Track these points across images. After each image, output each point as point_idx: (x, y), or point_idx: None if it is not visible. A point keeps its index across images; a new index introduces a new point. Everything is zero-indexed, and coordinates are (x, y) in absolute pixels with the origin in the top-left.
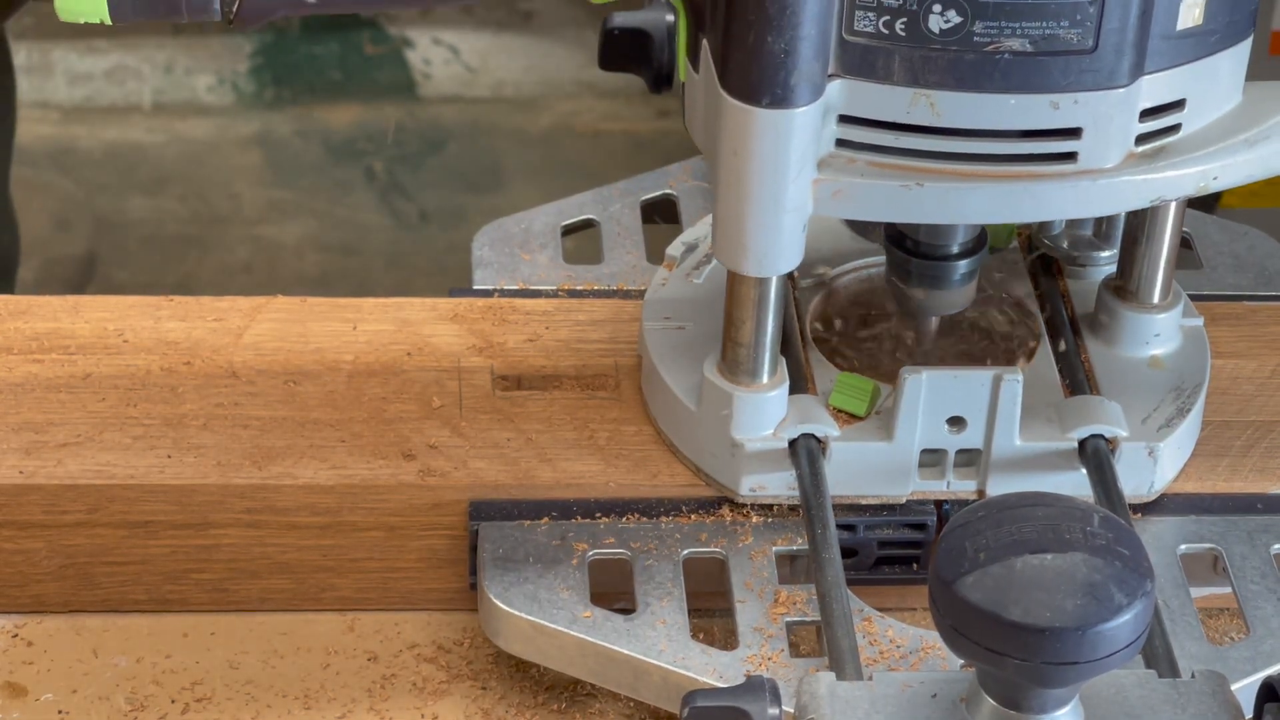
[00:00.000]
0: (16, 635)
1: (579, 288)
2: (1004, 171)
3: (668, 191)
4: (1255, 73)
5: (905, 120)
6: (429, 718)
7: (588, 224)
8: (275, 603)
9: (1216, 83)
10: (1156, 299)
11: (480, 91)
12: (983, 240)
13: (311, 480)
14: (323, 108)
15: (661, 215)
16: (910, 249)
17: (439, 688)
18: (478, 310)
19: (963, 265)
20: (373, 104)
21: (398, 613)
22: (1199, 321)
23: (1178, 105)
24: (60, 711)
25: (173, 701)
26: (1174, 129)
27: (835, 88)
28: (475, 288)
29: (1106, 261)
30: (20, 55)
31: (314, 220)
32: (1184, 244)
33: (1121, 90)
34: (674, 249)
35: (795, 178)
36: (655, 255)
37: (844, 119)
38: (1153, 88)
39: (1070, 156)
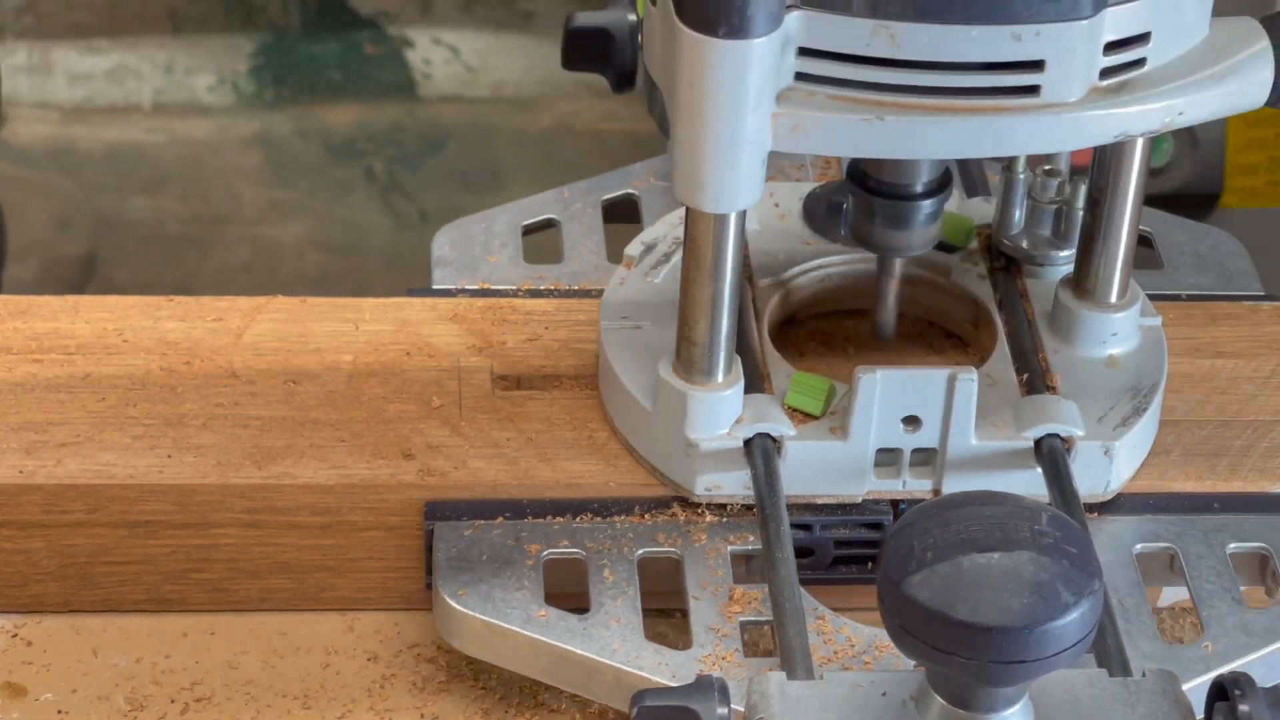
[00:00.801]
0: (16, 635)
1: (541, 287)
2: (966, 105)
3: (629, 191)
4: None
5: (865, 53)
6: (429, 718)
7: (549, 224)
8: (275, 602)
9: (1182, 16)
10: (1114, 298)
11: (480, 91)
12: (946, 180)
13: (311, 480)
14: (323, 108)
15: (623, 215)
16: (872, 188)
17: (439, 687)
18: (478, 310)
19: (926, 205)
20: (373, 104)
21: (398, 612)
22: (1157, 321)
23: (1142, 39)
24: (60, 711)
25: (172, 701)
26: (1139, 63)
27: (794, 19)
28: (435, 287)
29: (1065, 261)
30: (20, 55)
31: (314, 220)
32: (1146, 243)
33: (1085, 22)
34: (632, 248)
35: (754, 110)
36: (616, 255)
37: (803, 51)
38: (1116, 20)
39: (1033, 90)
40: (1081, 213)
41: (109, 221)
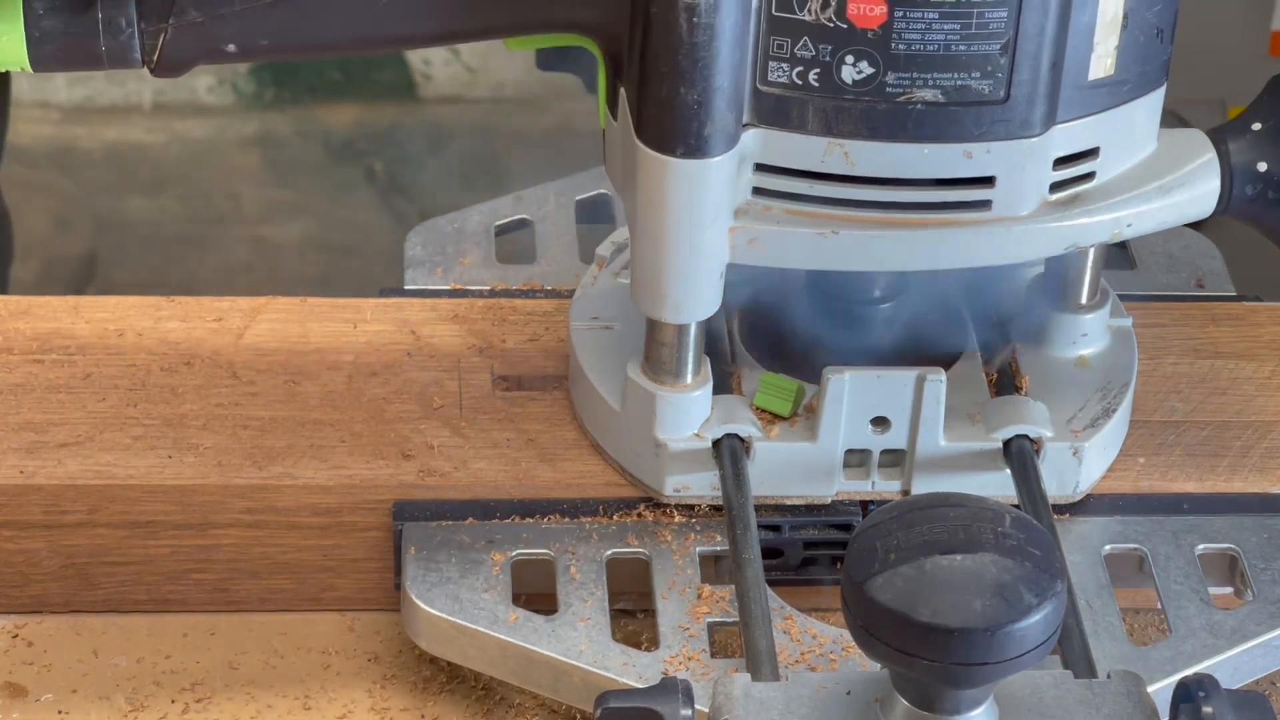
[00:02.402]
0: (17, 635)
1: (513, 287)
2: (919, 219)
3: (602, 191)
4: (1255, 73)
5: (820, 169)
6: (429, 718)
7: (521, 223)
8: (276, 603)
9: (1130, 131)
10: (1084, 299)
11: (480, 91)
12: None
13: (312, 480)
14: (323, 108)
15: (596, 215)
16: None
17: (440, 688)
18: (478, 310)
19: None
20: (373, 104)
21: (398, 613)
22: (1128, 322)
23: (1091, 154)
24: (60, 712)
25: (173, 702)
26: (1088, 177)
27: (750, 137)
28: (406, 287)
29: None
30: None
31: (314, 220)
32: (1119, 244)
33: (1034, 139)
34: (604, 249)
35: (711, 226)
36: (589, 254)
37: (760, 167)
38: (1066, 136)
39: (984, 204)
40: None
41: (109, 221)
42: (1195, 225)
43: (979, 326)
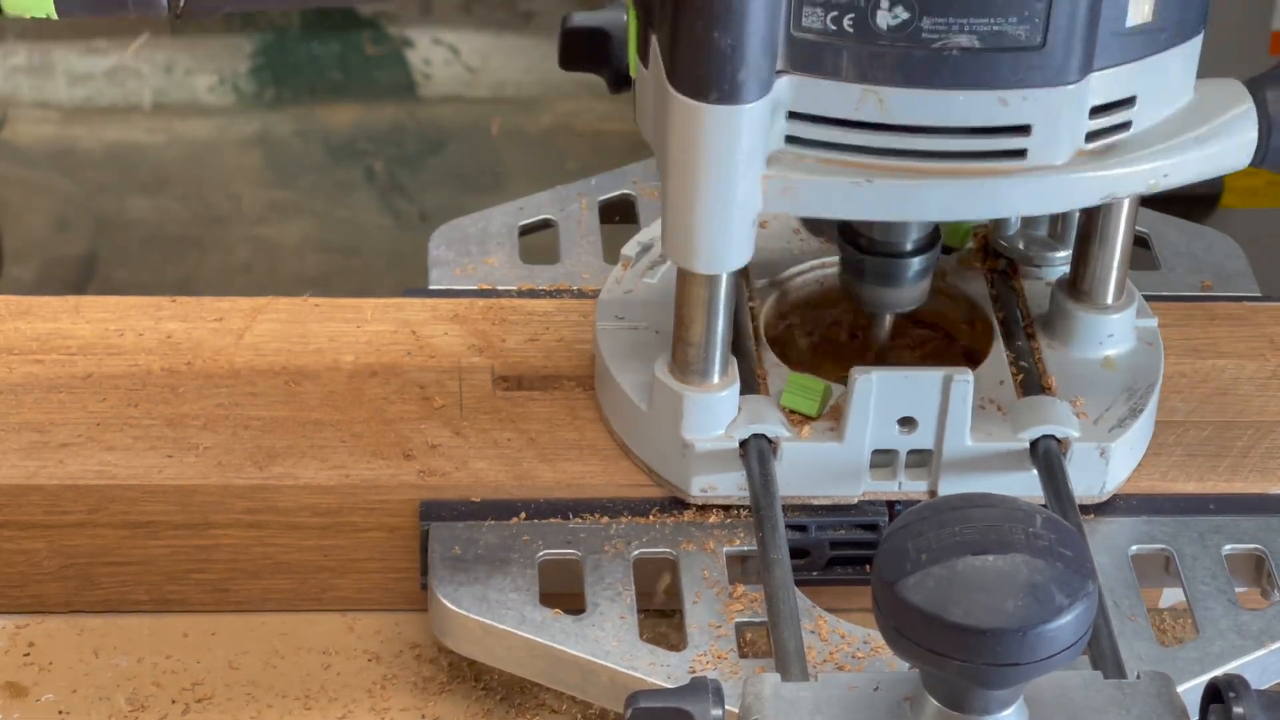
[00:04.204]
0: (17, 635)
1: (539, 288)
2: (953, 168)
3: (626, 191)
4: (1255, 73)
5: (854, 117)
6: (430, 718)
7: (545, 224)
8: (276, 603)
9: (1167, 80)
10: (1110, 300)
11: (480, 91)
12: (936, 237)
13: (312, 480)
14: (323, 108)
15: (620, 215)
16: (863, 246)
17: (440, 688)
18: (478, 310)
19: (916, 263)
20: (373, 104)
21: (399, 613)
22: (1153, 322)
23: (1128, 102)
24: (61, 712)
25: (173, 702)
26: (1124, 126)
27: (783, 84)
28: (431, 287)
29: (1061, 262)
30: (20, 55)
31: (314, 220)
32: (1142, 244)
33: (1071, 87)
34: (629, 249)
35: (744, 174)
36: (613, 255)
37: (793, 115)
38: (1102, 84)
39: (1020, 153)
40: (1078, 214)
41: (109, 221)
42: (1202, 218)
43: None
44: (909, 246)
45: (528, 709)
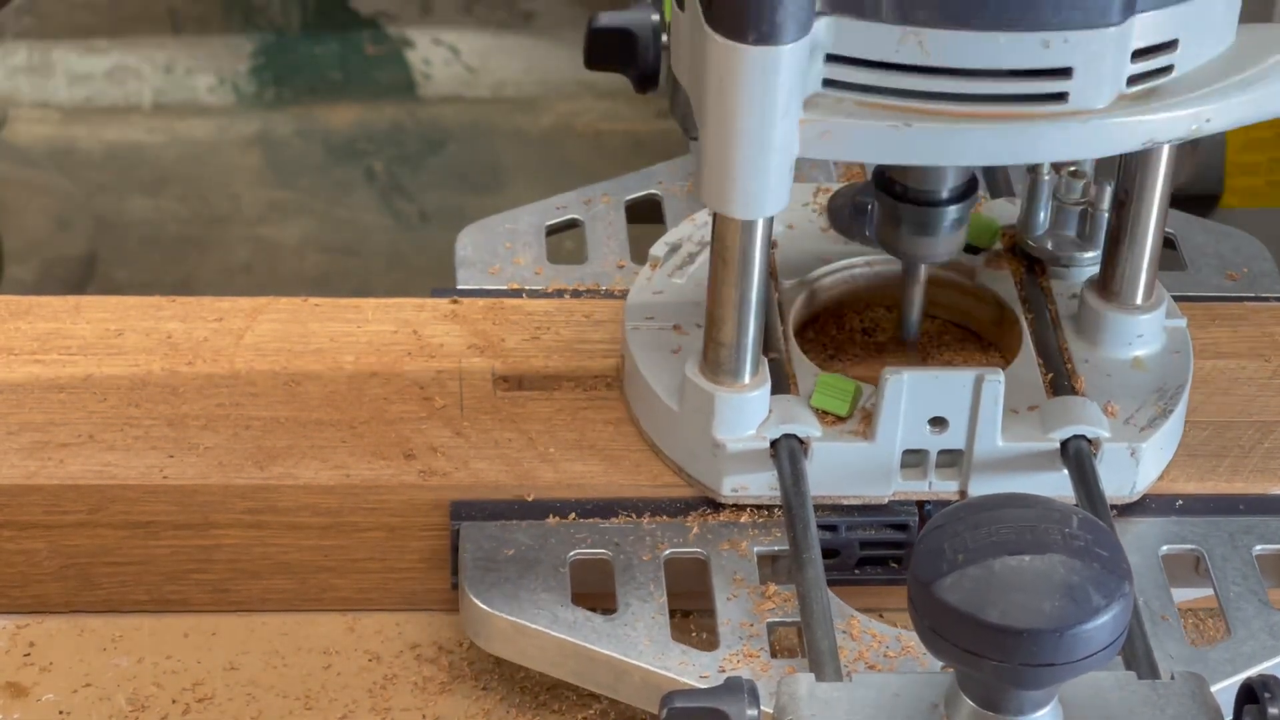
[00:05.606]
0: (18, 635)
1: (567, 287)
2: (994, 111)
3: (653, 191)
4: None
5: (893, 59)
6: (430, 718)
7: (572, 224)
8: (276, 603)
9: (1209, 23)
10: (1139, 300)
11: (480, 91)
12: (973, 185)
13: (313, 480)
14: (323, 108)
15: (646, 215)
16: (899, 194)
17: (440, 688)
18: (478, 310)
19: (952, 211)
20: (373, 104)
21: (399, 613)
22: (1182, 322)
23: (1170, 46)
24: (61, 712)
25: (174, 702)
26: (1166, 70)
27: (822, 25)
28: (460, 287)
29: (1090, 262)
30: (20, 55)
31: (314, 220)
32: (1168, 245)
33: (1113, 29)
34: (657, 249)
35: (782, 116)
36: (640, 255)
37: (831, 58)
38: (1144, 27)
39: (1061, 97)
40: (1107, 214)
41: (109, 221)
42: (1202, 217)
43: None
44: (945, 195)
45: (528, 709)
